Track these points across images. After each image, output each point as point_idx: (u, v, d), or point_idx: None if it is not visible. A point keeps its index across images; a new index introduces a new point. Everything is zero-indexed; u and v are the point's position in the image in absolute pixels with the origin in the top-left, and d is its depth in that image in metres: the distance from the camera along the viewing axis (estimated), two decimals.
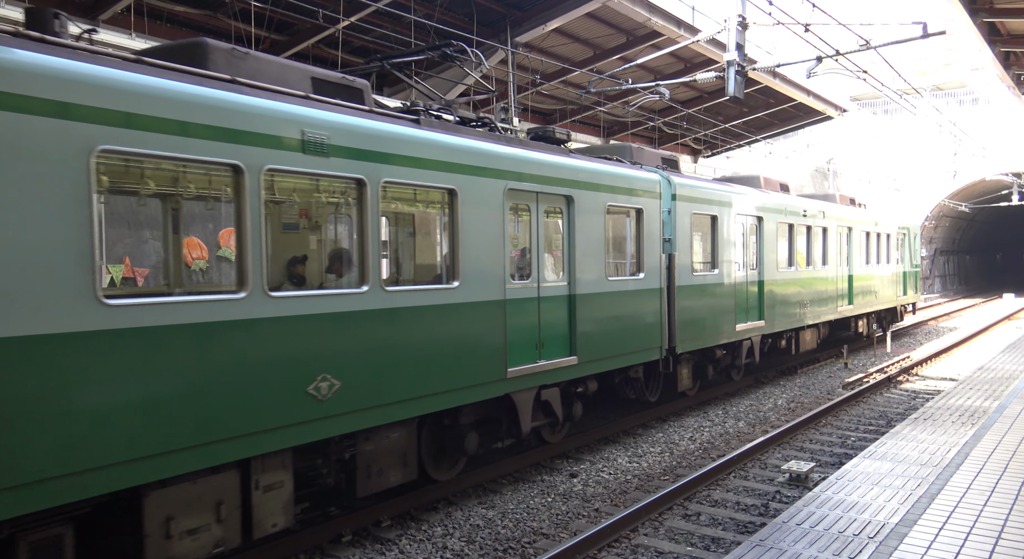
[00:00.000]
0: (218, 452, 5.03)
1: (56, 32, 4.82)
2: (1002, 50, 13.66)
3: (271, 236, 5.67)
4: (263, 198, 5.31)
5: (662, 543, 6.60)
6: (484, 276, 7.26)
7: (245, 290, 5.19)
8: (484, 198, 7.25)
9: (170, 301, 4.94)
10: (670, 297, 10.55)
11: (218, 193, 5.51)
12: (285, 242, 6.30)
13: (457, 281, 6.95)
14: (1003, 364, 12.98)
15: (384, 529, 6.91)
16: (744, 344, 12.77)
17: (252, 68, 5.78)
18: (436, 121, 7.18)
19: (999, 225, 51.85)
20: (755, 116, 25.95)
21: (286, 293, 5.58)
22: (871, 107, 40.69)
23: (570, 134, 9.56)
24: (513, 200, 7.75)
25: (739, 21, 10.76)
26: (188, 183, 5.57)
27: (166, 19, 12.61)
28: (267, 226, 5.42)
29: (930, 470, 6.69)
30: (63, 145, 4.25)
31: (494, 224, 7.36)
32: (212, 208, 5.61)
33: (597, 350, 8.95)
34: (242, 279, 5.21)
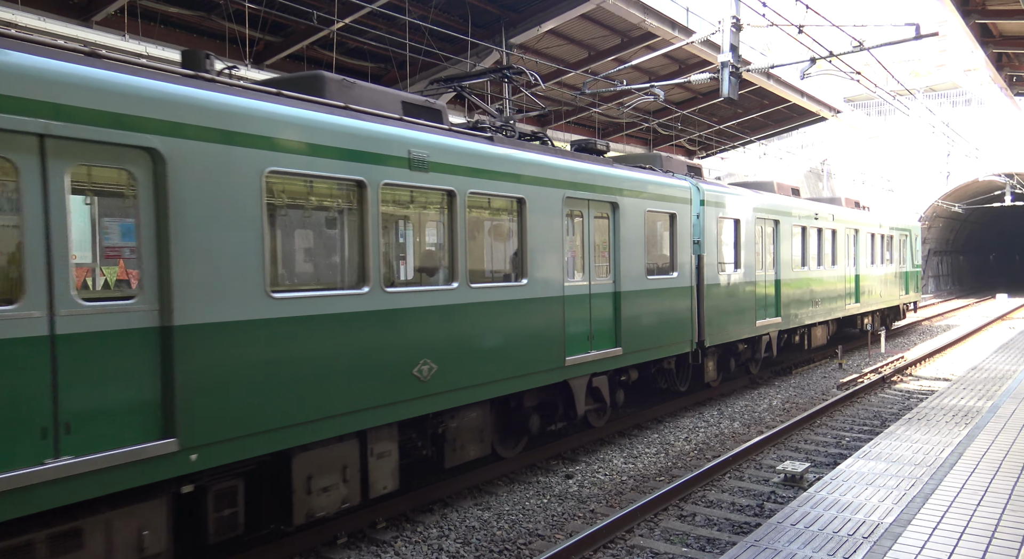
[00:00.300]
0: (345, 423, 6.01)
1: (207, 70, 5.69)
2: (994, 51, 13.73)
3: (384, 240, 6.57)
4: (380, 208, 6.34)
5: (657, 544, 6.60)
6: (546, 275, 8.23)
7: (367, 286, 6.21)
8: (546, 205, 8.22)
9: (315, 295, 5.86)
10: (699, 294, 11.45)
11: (345, 204, 6.39)
12: (395, 245, 7.23)
13: (525, 279, 7.94)
14: (996, 364, 13.04)
15: (379, 531, 6.90)
16: (763, 339, 13.76)
17: (357, 95, 6.80)
18: (505, 138, 8.23)
19: (992, 225, 52.11)
20: (749, 117, 26.03)
21: (397, 289, 6.53)
22: (865, 108, 40.85)
23: (609, 146, 10.79)
24: (569, 207, 8.67)
25: (733, 22, 10.79)
26: (323, 196, 6.46)
27: (160, 20, 12.58)
28: (382, 231, 6.40)
29: (924, 470, 6.71)
30: (248, 169, 5.32)
31: (555, 228, 8.32)
32: (338, 217, 6.53)
33: (639, 342, 9.83)
34: (364, 276, 6.21)
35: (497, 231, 8.11)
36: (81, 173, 4.82)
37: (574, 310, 8.65)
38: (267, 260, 5.42)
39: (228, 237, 5.19)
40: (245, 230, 5.30)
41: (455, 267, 7.06)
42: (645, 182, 10.10)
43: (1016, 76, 16.04)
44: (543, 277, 8.13)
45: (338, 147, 5.98)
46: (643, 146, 27.07)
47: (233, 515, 5.41)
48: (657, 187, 10.36)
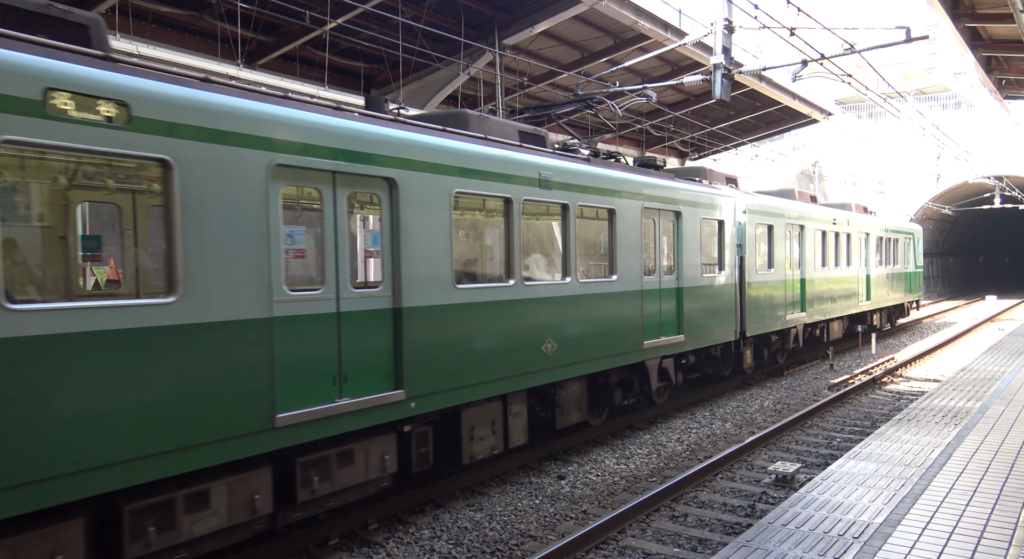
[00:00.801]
0: (496, 387, 7.69)
1: (386, 111, 7.30)
2: (984, 54, 13.83)
3: (523, 243, 8.16)
4: (521, 218, 8.07)
5: (649, 544, 6.61)
6: (630, 272, 9.90)
7: (513, 279, 7.96)
8: (630, 215, 9.93)
9: (480, 287, 7.59)
10: (741, 291, 13.14)
11: (498, 216, 8.07)
12: (529, 248, 8.61)
13: (615, 276, 9.63)
14: (985, 365, 13.13)
15: (371, 532, 6.89)
16: (791, 331, 15.48)
17: (489, 127, 8.32)
18: (597, 159, 9.87)
19: (981, 227, 52.48)
20: (741, 119, 26.12)
21: (532, 283, 8.25)
22: (856, 111, 41.06)
23: (666, 161, 12.69)
24: (646, 216, 10.36)
25: (725, 24, 10.82)
26: (487, 210, 8.06)
27: (151, 20, 12.52)
28: (521, 237, 8.07)
29: (914, 470, 6.75)
30: (444, 191, 7.05)
31: (635, 234, 10.00)
32: (494, 226, 8.18)
33: (697, 331, 11.58)
34: (510, 272, 7.95)
35: (596, 236, 9.72)
36: (352, 196, 6.44)
37: (648, 302, 10.36)
38: (453, 260, 7.11)
39: (433, 243, 6.91)
40: (442, 238, 7.00)
41: (568, 265, 8.84)
42: (701, 194, 11.87)
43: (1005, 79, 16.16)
44: (627, 274, 9.85)
45: (498, 172, 7.80)
46: (635, 147, 27.12)
47: (426, 453, 7.16)
48: (709, 198, 12.14)
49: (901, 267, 23.61)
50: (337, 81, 15.64)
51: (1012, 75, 15.50)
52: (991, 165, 34.83)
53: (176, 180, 4.95)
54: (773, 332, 14.64)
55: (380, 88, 16.72)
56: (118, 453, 4.62)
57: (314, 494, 6.00)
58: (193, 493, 5.15)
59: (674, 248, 11.07)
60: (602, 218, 9.60)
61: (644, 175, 10.40)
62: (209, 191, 5.13)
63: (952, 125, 36.81)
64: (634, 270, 9.95)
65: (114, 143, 4.64)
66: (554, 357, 8.49)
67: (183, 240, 4.99)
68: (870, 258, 20.34)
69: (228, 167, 5.26)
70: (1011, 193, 34.39)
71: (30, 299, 4.54)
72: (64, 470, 4.36)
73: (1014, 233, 56.50)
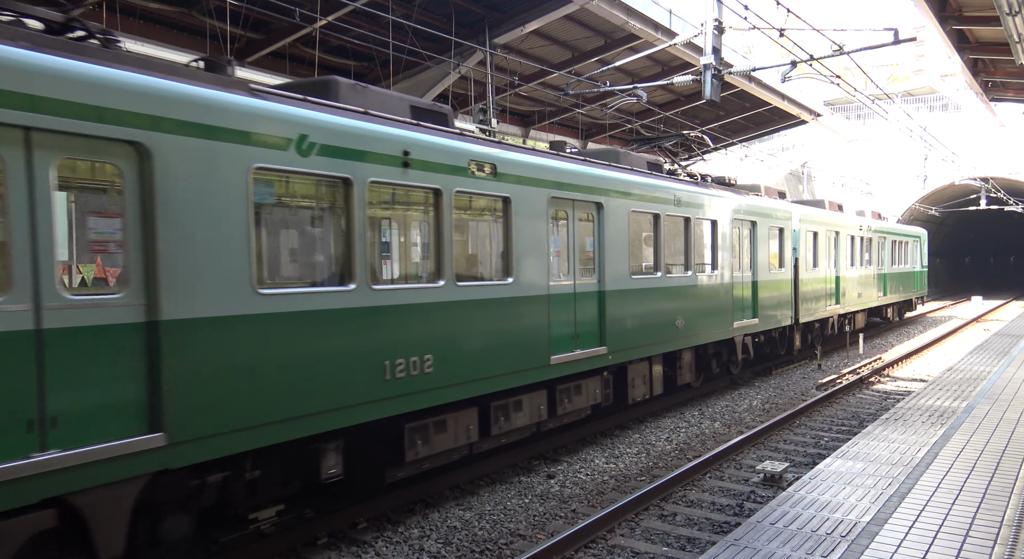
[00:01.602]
0: (649, 350, 10.61)
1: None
2: (970, 57, 13.94)
3: (669, 246, 11.08)
4: (664, 227, 10.95)
5: (638, 543, 6.63)
6: (723, 269, 12.74)
7: (660, 271, 10.88)
8: (726, 223, 12.81)
9: (642, 277, 10.32)
10: (796, 285, 15.96)
11: (652, 227, 10.85)
12: (675, 248, 11.29)
13: (716, 271, 12.51)
14: (971, 365, 13.24)
15: (360, 531, 6.86)
16: (829, 320, 18.56)
17: (627, 159, 11.17)
18: (706, 182, 12.78)
19: (968, 229, 52.94)
20: (731, 119, 26.21)
21: (672, 275, 11.17)
22: (844, 112, 41.31)
23: (737, 179, 14.75)
24: (734, 225, 13.14)
25: (715, 25, 10.85)
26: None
27: (139, 16, 12.42)
28: (667, 241, 10.94)
29: (901, 469, 6.80)
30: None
31: (728, 238, 12.93)
32: (650, 230, 10.68)
33: (767, 316, 14.41)
34: (659, 265, 10.94)
35: (705, 239, 12.44)
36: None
37: (737, 292, 13.19)
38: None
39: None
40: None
41: (690, 261, 11.63)
42: (768, 206, 14.73)
43: (992, 81, 16.30)
44: (725, 271, 12.74)
45: (648, 195, 10.55)
46: (625, 147, 27.17)
47: (610, 392, 10.08)
48: (776, 210, 15.07)
49: (910, 267, 26.68)
50: None
51: (998, 77, 15.63)
52: (977, 167, 35.14)
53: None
54: (816, 320, 17.57)
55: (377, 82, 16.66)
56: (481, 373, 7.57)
57: (564, 410, 9.09)
58: (511, 403, 8.28)
59: (750, 250, 13.91)
60: (705, 227, 12.63)
61: (735, 193, 13.55)
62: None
63: (939, 127, 37.09)
64: (727, 267, 12.80)
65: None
66: (681, 330, 11.34)
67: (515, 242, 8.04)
68: (886, 259, 23.51)
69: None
70: (997, 195, 34.70)
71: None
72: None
73: (1000, 234, 57.05)
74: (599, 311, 9.48)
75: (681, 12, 16.92)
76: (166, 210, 4.89)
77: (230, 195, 5.24)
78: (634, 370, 10.49)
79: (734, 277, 13.03)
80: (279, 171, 5.70)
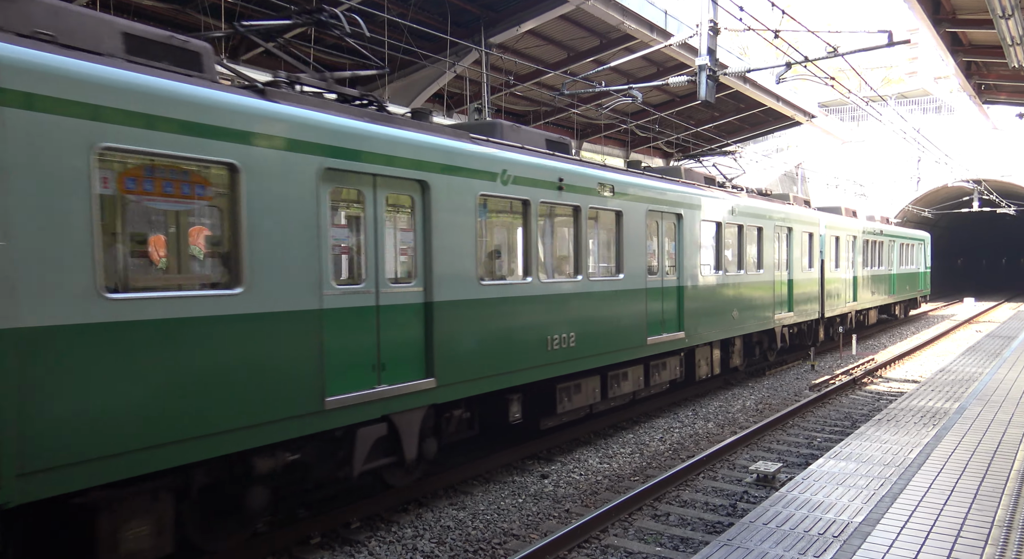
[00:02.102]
0: (709, 336, 12.42)
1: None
2: (964, 60, 14.00)
3: (734, 250, 13.48)
4: (724, 234, 12.93)
5: (631, 543, 6.64)
6: (771, 269, 14.93)
7: (721, 270, 12.94)
8: (772, 230, 15.07)
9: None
10: (822, 284, 18.16)
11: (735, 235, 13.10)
12: (704, 251, 12.69)
13: (762, 270, 14.59)
14: (963, 366, 13.30)
15: (353, 531, 6.85)
16: (848, 315, 20.80)
17: (687, 174, 13.07)
18: (758, 194, 15.53)
19: (960, 231, 53.18)
20: (726, 120, 26.26)
21: (728, 272, 13.15)
22: (838, 113, 41.41)
23: (772, 193, 17.42)
24: (776, 231, 15.33)
25: (710, 26, 10.88)
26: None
27: (132, 12, 12.37)
28: (736, 246, 13.39)
29: (893, 470, 6.82)
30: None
31: (772, 243, 15.03)
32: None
33: (800, 310, 16.60)
34: (720, 265, 12.98)
35: (755, 244, 14.58)
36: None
37: (776, 289, 15.28)
38: (720, 257, 12.38)
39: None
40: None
41: (742, 262, 13.76)
42: (802, 214, 17.00)
43: (985, 84, 16.38)
44: (769, 271, 14.87)
45: (711, 207, 12.68)
46: (620, 147, 27.20)
47: (683, 369, 11.90)
48: (806, 217, 17.26)
49: (915, 268, 29.21)
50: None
51: (991, 80, 15.70)
52: (970, 169, 35.28)
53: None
54: (838, 314, 19.77)
55: (365, 85, 16.64)
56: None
57: (654, 382, 11.10)
58: (620, 373, 10.26)
59: (787, 252, 16.02)
60: (757, 234, 14.75)
61: (770, 202, 15.71)
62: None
63: (932, 129, 37.23)
64: (768, 267, 15.04)
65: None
66: (737, 320, 13.37)
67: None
68: (895, 260, 25.80)
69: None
70: (989, 197, 34.87)
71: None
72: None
73: (992, 236, 57.33)
74: (679, 303, 11.61)
75: (676, 13, 16.94)
76: (436, 227, 7.16)
77: (467, 214, 7.54)
78: (700, 353, 12.58)
79: (775, 276, 15.22)
80: (492, 196, 7.98)
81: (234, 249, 5.45)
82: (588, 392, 9.56)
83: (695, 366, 12.43)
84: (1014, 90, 16.68)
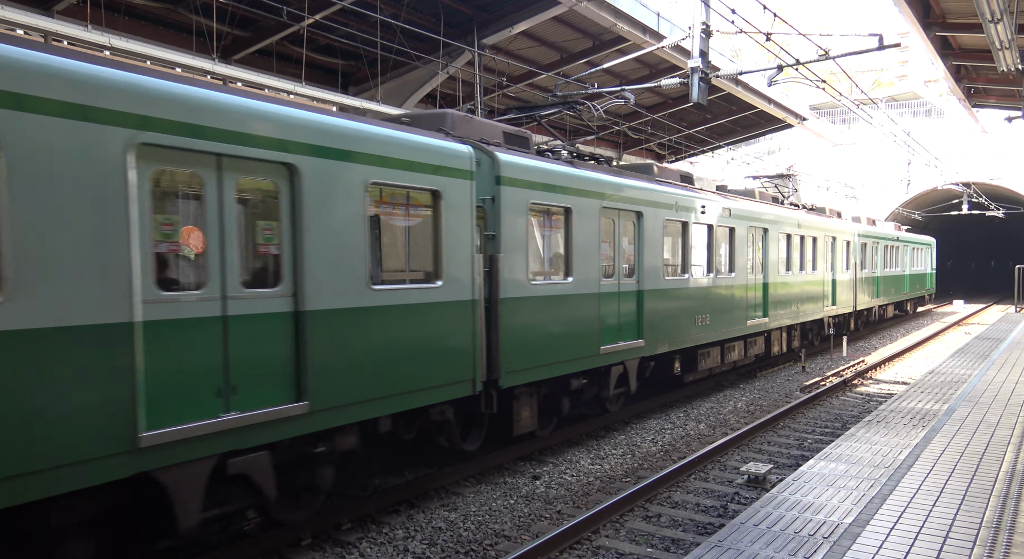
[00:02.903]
0: (782, 323, 16.03)
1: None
2: (954, 63, 14.10)
3: (765, 254, 15.39)
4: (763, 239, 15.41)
5: (623, 544, 6.64)
6: (817, 269, 18.13)
7: (762, 275, 15.12)
8: (823, 242, 18.77)
9: (752, 275, 14.37)
10: (855, 282, 21.80)
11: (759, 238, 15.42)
12: (782, 255, 16.14)
13: (816, 270, 18.16)
14: (952, 368, 13.39)
15: (344, 532, 6.83)
16: (872, 310, 24.98)
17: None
18: (809, 209, 18.77)
19: (950, 233, 53.49)
20: (718, 122, 26.36)
21: (783, 273, 16.11)
22: (830, 116, 41.62)
23: (821, 208, 20.93)
24: (822, 240, 18.64)
25: (703, 28, 10.91)
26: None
27: (124, 12, 12.31)
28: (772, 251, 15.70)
29: (882, 471, 6.86)
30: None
31: (812, 249, 18.12)
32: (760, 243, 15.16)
33: (840, 302, 20.20)
34: (758, 269, 15.00)
35: (812, 250, 18.12)
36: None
37: (824, 287, 18.86)
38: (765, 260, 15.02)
39: (743, 253, 13.91)
40: (746, 249, 13.75)
41: (805, 262, 17.10)
42: (844, 226, 20.74)
43: (974, 88, 16.50)
44: (815, 271, 18.05)
45: (789, 222, 16.26)
46: (613, 149, 27.24)
47: (765, 349, 15.55)
48: (844, 227, 20.89)
49: (923, 269, 32.99)
50: (315, 78, 15.50)
51: (980, 84, 15.82)
52: (959, 172, 35.53)
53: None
54: (865, 308, 23.43)
55: (358, 85, 16.62)
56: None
57: (749, 354, 14.64)
58: (729, 345, 13.69)
59: (832, 257, 19.47)
60: (807, 241, 17.78)
61: (818, 216, 18.88)
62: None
63: (922, 132, 37.46)
64: (823, 269, 18.53)
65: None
66: (800, 311, 17.05)
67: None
68: (907, 262, 29.46)
69: None
70: (978, 200, 35.10)
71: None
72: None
73: (981, 239, 57.71)
74: (764, 294, 14.92)
75: (669, 15, 17.00)
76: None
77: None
78: (775, 335, 15.97)
79: (824, 276, 18.84)
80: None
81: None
82: (713, 357, 13.31)
83: (770, 345, 16.10)
84: (1003, 94, 16.80)
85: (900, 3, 10.86)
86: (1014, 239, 52.79)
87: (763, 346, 15.45)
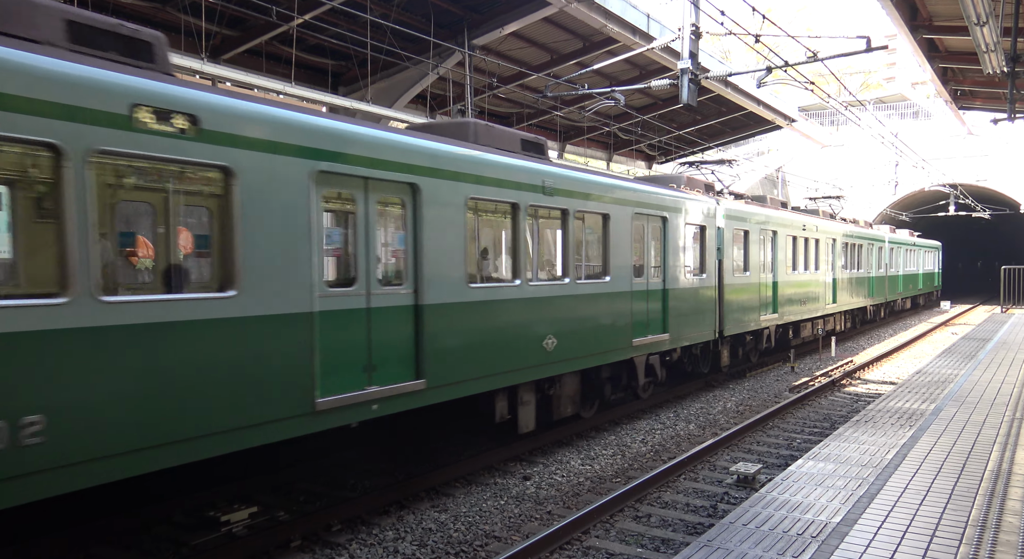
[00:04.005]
0: (803, 316, 18.40)
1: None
2: (940, 66, 14.22)
3: (789, 256, 18.14)
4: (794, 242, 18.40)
5: (613, 545, 6.66)
6: (865, 269, 23.88)
7: (808, 270, 18.96)
8: (869, 248, 24.72)
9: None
10: (886, 280, 26.69)
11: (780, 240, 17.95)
12: (811, 258, 19.23)
13: (861, 270, 23.40)
14: (939, 368, 13.49)
15: (334, 534, 6.81)
16: (894, 302, 29.09)
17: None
18: (847, 222, 23.28)
19: (937, 235, 53.84)
20: (708, 124, 26.46)
21: (799, 271, 18.48)
22: (818, 118, 41.88)
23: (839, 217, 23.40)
24: (869, 247, 24.16)
25: (693, 30, 10.96)
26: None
27: (111, 10, 12.22)
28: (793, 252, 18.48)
29: (870, 471, 6.90)
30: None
31: (865, 253, 24.00)
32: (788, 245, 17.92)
33: (877, 296, 25.22)
34: (804, 265, 18.77)
35: (857, 255, 22.71)
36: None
37: (870, 283, 24.25)
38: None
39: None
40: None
41: (833, 263, 20.50)
42: (872, 233, 24.86)
43: (960, 90, 16.64)
44: (863, 270, 23.00)
45: (837, 233, 21.12)
46: (603, 150, 27.30)
47: (784, 337, 18.12)
48: (874, 235, 25.28)
49: (932, 268, 37.86)
50: (304, 78, 15.46)
51: (967, 86, 15.96)
52: (946, 174, 35.82)
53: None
54: (888, 301, 27.96)
55: (348, 86, 16.57)
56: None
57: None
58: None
59: (867, 258, 23.51)
60: (829, 245, 20.45)
61: (862, 228, 22.68)
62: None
63: (910, 134, 37.75)
64: (867, 268, 23.15)
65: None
66: (828, 306, 20.09)
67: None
68: (920, 263, 34.11)
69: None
70: (965, 201, 35.40)
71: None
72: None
73: (967, 240, 58.20)
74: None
75: (659, 17, 17.04)
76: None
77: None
78: (799, 325, 18.60)
79: (869, 274, 23.84)
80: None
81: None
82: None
83: (791, 335, 18.29)
84: (989, 96, 16.96)
85: (887, 6, 10.94)
86: (1000, 240, 53.30)
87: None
